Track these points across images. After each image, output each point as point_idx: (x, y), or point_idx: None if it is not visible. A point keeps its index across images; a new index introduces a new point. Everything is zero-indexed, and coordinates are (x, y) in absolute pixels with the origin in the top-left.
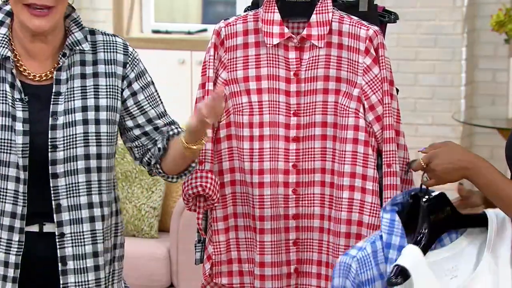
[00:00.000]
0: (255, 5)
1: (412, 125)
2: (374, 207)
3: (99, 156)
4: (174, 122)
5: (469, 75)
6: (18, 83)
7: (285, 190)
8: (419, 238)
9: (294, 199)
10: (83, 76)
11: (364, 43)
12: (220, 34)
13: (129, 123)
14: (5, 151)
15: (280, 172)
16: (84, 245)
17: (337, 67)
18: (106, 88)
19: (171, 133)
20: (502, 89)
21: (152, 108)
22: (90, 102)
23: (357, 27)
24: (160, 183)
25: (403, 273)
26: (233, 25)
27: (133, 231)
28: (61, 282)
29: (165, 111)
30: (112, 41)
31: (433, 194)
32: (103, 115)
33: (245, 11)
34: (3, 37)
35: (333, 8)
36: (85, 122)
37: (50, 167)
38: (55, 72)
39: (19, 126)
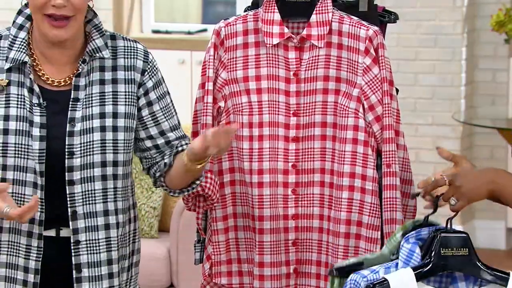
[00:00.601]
0: (255, 5)
1: (412, 125)
2: (373, 207)
3: (115, 164)
4: (185, 136)
5: (469, 75)
6: (37, 88)
7: (284, 190)
8: (420, 264)
9: (293, 199)
10: (102, 82)
11: (364, 43)
12: (220, 34)
13: (142, 134)
14: (22, 156)
15: (279, 172)
16: (99, 252)
17: (336, 67)
18: (125, 95)
19: (179, 148)
20: (502, 89)
21: (166, 120)
22: (108, 108)
23: (357, 27)
24: None
25: (383, 285)
26: (233, 25)
27: None
28: None
29: (179, 123)
30: (133, 47)
31: (456, 229)
32: (121, 122)
33: (245, 11)
34: (22, 42)
35: (333, 8)
36: (103, 129)
37: (66, 173)
38: (74, 78)
39: (36, 131)
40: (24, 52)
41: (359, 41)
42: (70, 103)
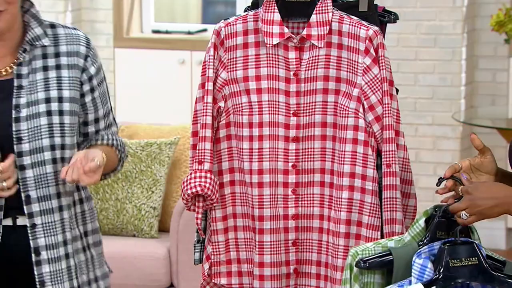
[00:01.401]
0: (255, 5)
1: (412, 125)
2: (373, 207)
3: (63, 147)
4: (111, 125)
5: (469, 75)
6: None
7: (284, 190)
8: (430, 278)
9: (293, 199)
10: (45, 68)
11: (364, 43)
12: (220, 34)
13: (80, 119)
14: None
15: (279, 172)
16: (56, 234)
17: (336, 67)
18: (69, 80)
19: (99, 143)
20: (502, 89)
21: (102, 107)
22: (53, 93)
23: (357, 27)
24: (160, 183)
25: None
26: (233, 25)
27: (133, 231)
28: (35, 272)
29: (111, 108)
30: (74, 34)
31: (462, 240)
32: (66, 106)
33: (245, 11)
34: None
35: (333, 8)
36: (49, 113)
37: (17, 159)
38: (15, 67)
39: None
40: None
41: (359, 41)
42: (14, 90)
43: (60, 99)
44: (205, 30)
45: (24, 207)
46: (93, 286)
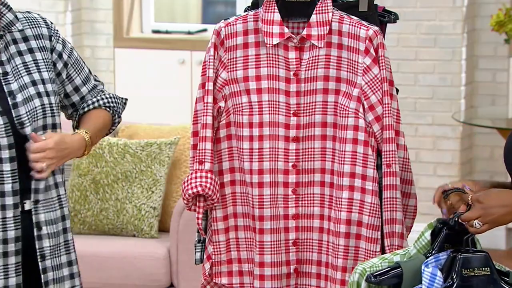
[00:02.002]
0: (255, 5)
1: (412, 125)
2: (373, 207)
3: (54, 126)
4: (96, 86)
5: (469, 75)
6: None
7: (284, 190)
8: (444, 286)
9: (293, 199)
10: (20, 53)
11: (364, 43)
12: (220, 34)
13: (61, 94)
14: None
15: (279, 172)
16: (55, 210)
17: (337, 67)
18: (44, 62)
19: (86, 109)
20: (502, 89)
21: (78, 74)
22: (36, 76)
23: (357, 27)
24: (160, 183)
25: None
26: (233, 25)
27: (133, 231)
28: (37, 246)
29: (90, 72)
30: (33, 17)
31: (474, 249)
32: (49, 87)
33: (245, 11)
34: None
35: (333, 8)
36: (39, 95)
37: (15, 147)
38: None
39: None
40: None
41: (359, 41)
42: (1, 78)
43: (43, 81)
44: (205, 30)
45: (32, 182)
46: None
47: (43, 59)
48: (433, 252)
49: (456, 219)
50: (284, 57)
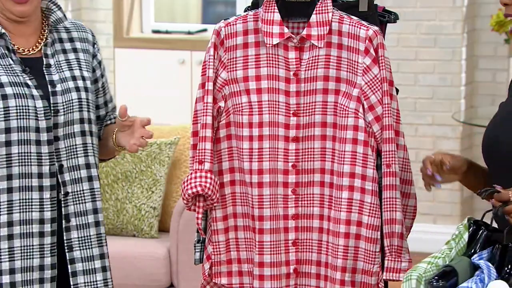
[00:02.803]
0: (255, 5)
1: (412, 125)
2: (373, 207)
3: (90, 121)
4: (115, 108)
5: (469, 75)
6: (17, 57)
7: (284, 190)
8: (506, 276)
9: (293, 199)
10: (64, 51)
11: (364, 43)
12: (220, 34)
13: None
14: (24, 117)
15: (279, 172)
16: (85, 202)
17: (336, 67)
18: (85, 62)
19: (108, 122)
20: (502, 89)
21: (108, 91)
22: (77, 72)
23: (357, 27)
24: (160, 183)
25: None
26: (233, 25)
27: (133, 231)
28: (64, 237)
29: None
30: (79, 24)
31: None
32: (88, 83)
33: (245, 11)
34: None
35: (333, 8)
36: (78, 89)
37: (52, 130)
38: (43, 47)
39: (35, 92)
40: None
41: (359, 41)
42: (44, 69)
43: (83, 78)
44: (205, 30)
45: (58, 176)
46: (106, 261)
47: (85, 60)
48: (477, 249)
49: (496, 212)
50: (284, 57)
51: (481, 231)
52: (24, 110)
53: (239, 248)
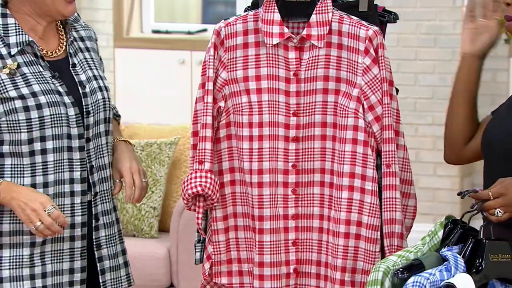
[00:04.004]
0: (255, 5)
1: (412, 125)
2: (373, 207)
3: (110, 120)
4: (110, 98)
5: None
6: (45, 63)
7: (284, 190)
8: (479, 268)
9: (293, 199)
10: (81, 50)
11: (364, 43)
12: (220, 34)
13: None
14: (58, 125)
15: (279, 172)
16: (108, 201)
17: (336, 67)
18: (97, 61)
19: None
20: (502, 89)
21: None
22: (95, 72)
23: (357, 27)
24: (160, 183)
25: None
26: (233, 25)
27: (133, 231)
28: (94, 237)
29: None
30: (83, 22)
31: (493, 238)
32: (106, 83)
33: (245, 11)
34: (15, 26)
35: (333, 8)
36: (101, 89)
37: (84, 132)
38: (68, 46)
39: (67, 99)
40: (24, 34)
41: (359, 41)
42: (71, 69)
43: (101, 77)
44: (205, 30)
45: (89, 176)
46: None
47: (95, 58)
48: (447, 247)
49: (475, 206)
50: (284, 57)
51: (457, 229)
52: (58, 118)
53: (239, 248)
